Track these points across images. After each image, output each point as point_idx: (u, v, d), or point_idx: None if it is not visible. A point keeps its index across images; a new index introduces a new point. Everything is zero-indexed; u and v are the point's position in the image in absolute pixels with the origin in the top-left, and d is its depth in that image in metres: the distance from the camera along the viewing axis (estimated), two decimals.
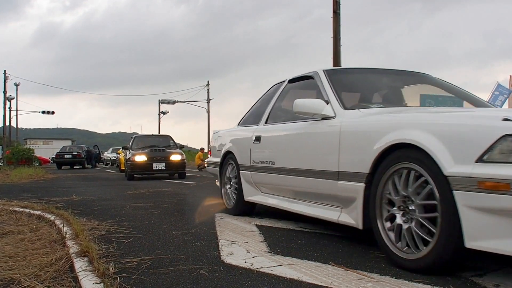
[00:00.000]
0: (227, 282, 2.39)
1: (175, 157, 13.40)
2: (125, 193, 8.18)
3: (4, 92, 38.32)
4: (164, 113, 45.55)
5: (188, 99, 41.53)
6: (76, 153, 27.10)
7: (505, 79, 18.49)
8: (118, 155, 22.43)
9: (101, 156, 37.07)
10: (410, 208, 2.56)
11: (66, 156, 27.00)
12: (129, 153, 13.71)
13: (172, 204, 6.13)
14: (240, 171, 4.81)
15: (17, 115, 41.22)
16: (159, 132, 35.90)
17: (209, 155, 6.23)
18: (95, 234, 3.79)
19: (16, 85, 39.68)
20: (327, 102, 3.47)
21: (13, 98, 39.18)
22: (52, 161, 35.62)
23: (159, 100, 42.96)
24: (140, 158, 13.08)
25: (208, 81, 41.84)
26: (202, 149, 23.11)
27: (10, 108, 39.30)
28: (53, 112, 40.41)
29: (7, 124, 39.73)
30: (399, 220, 2.63)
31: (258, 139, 4.50)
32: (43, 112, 40.17)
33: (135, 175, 13.27)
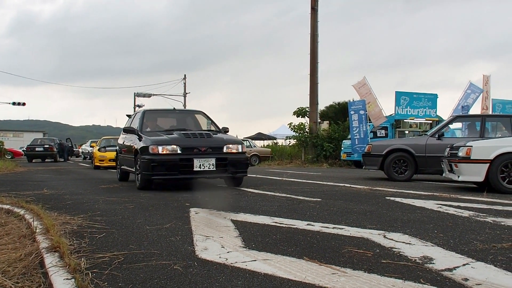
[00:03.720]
0: (201, 277, 2.38)
1: (232, 149, 7.52)
2: (98, 187, 8.05)
3: None
4: (139, 106, 45.02)
5: (165, 93, 41.16)
6: (47, 146, 26.54)
7: (479, 78, 18.97)
8: (92, 148, 21.79)
9: (76, 149, 36.44)
10: None
11: (37, 149, 26.43)
12: (141, 140, 7.63)
13: (146, 199, 6.07)
14: None
15: None
16: None
17: None
18: (66, 229, 3.72)
19: None
20: None
21: None
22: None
23: (134, 93, 42.44)
24: (169, 150, 7.14)
25: (185, 75, 41.52)
26: None
27: None
28: (24, 104, 39.41)
29: None
30: None
31: None
32: (14, 104, 39.15)
33: (155, 180, 7.31)
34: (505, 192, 6.49)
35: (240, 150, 7.60)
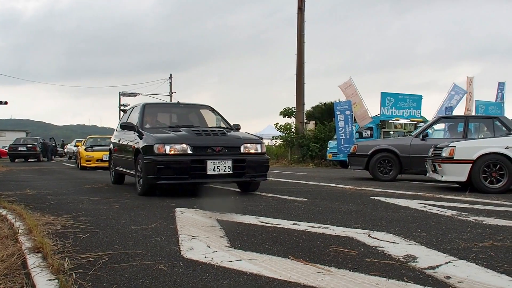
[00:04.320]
0: (186, 277, 2.38)
1: (250, 149, 6.54)
2: (82, 187, 7.98)
3: None
4: (125, 105, 44.69)
5: (151, 92, 41.02)
6: (30, 145, 26.18)
7: (463, 80, 19.27)
8: (77, 148, 21.31)
9: (61, 148, 36.00)
10: None
11: (20, 149, 26.06)
12: (143, 138, 6.61)
13: (132, 199, 6.03)
14: None
15: None
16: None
17: None
18: (50, 229, 3.68)
19: None
20: None
21: None
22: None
23: (120, 92, 42.12)
24: (178, 149, 6.13)
25: (171, 74, 41.41)
26: None
27: None
28: (6, 102, 38.69)
29: None
30: None
31: None
32: None
33: (162, 184, 6.19)
34: (487, 192, 6.59)
35: (259, 151, 6.63)
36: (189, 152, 6.12)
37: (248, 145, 6.53)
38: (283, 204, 5.40)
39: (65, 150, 35.92)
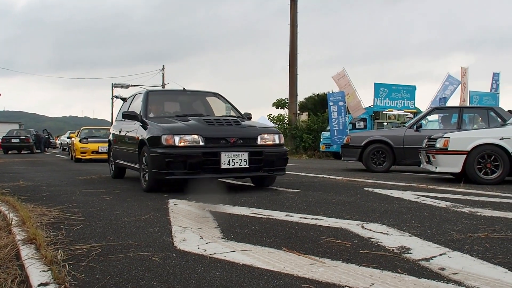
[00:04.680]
0: (179, 268, 2.37)
1: (267, 140, 6.01)
2: (75, 179, 7.94)
3: None
4: (117, 97, 44.42)
5: (143, 83, 40.83)
6: (24, 137, 26.08)
7: (457, 70, 19.34)
8: (71, 139, 21.04)
9: (54, 140, 35.83)
10: None
11: (13, 140, 25.94)
12: (147, 128, 6.07)
13: (124, 190, 6.01)
14: None
15: None
16: (112, 118, 34.80)
17: None
18: (43, 221, 3.66)
19: None
20: None
21: None
22: None
23: (112, 83, 41.87)
24: (189, 141, 5.59)
25: (163, 66, 41.20)
26: None
27: None
28: None
29: None
30: None
31: None
32: None
33: (170, 179, 5.58)
34: (481, 183, 6.62)
35: (277, 142, 6.04)
36: (201, 143, 5.58)
37: (265, 135, 6.01)
38: (276, 195, 5.40)
39: (58, 141, 35.76)
